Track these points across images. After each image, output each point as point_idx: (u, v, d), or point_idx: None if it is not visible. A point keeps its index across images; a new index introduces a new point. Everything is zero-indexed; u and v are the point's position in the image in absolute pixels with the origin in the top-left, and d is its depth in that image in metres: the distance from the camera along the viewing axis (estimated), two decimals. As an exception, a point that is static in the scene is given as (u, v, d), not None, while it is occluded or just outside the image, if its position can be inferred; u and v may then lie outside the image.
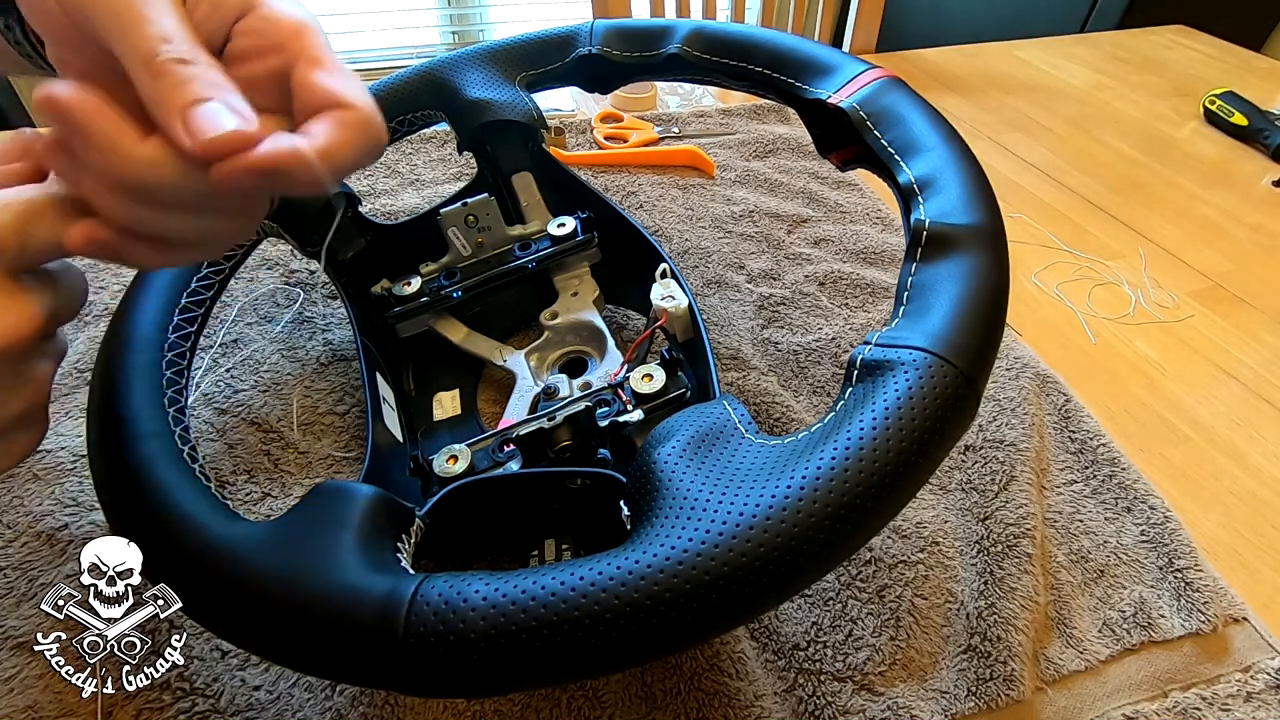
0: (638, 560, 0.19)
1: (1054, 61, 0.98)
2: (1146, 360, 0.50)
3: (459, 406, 0.43)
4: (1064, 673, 0.33)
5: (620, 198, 0.62)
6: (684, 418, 0.25)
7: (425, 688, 0.19)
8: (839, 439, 0.21)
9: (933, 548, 0.37)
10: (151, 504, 0.24)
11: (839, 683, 0.32)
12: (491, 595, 0.19)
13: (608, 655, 0.19)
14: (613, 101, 0.75)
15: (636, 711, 0.31)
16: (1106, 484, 0.40)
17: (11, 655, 0.31)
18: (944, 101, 0.84)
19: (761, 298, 0.52)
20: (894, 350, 0.23)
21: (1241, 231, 0.64)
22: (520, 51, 0.45)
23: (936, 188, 0.29)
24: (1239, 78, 0.94)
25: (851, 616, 0.34)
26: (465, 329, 0.45)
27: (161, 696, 0.30)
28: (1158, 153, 0.77)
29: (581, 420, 0.33)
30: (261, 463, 0.39)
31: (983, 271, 0.25)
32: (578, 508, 0.32)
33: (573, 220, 0.45)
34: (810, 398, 0.45)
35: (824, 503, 0.20)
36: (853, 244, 0.57)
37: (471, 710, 0.30)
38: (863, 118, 0.33)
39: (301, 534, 0.22)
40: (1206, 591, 0.35)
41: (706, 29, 0.41)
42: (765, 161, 0.68)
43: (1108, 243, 0.62)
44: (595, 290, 0.46)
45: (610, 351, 0.42)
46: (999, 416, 0.43)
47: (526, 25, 1.66)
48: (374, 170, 0.64)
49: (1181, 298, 0.56)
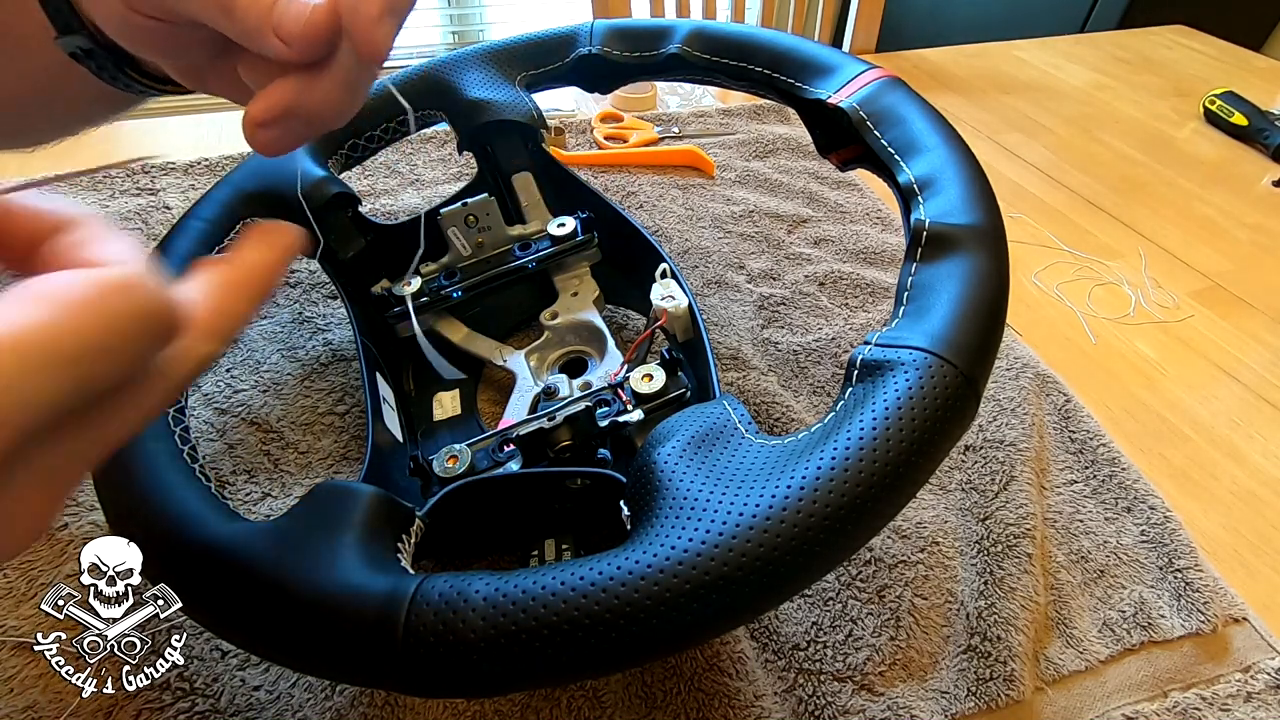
0: (638, 560, 0.19)
1: (1054, 61, 0.98)
2: (1146, 360, 0.50)
3: (459, 406, 0.43)
4: (1064, 673, 0.33)
5: (620, 198, 0.62)
6: (684, 418, 0.25)
7: (425, 688, 0.19)
8: (839, 439, 0.21)
9: (933, 548, 0.37)
10: (151, 504, 0.24)
11: (839, 683, 0.32)
12: (492, 595, 0.19)
13: (608, 655, 0.19)
14: (613, 101, 0.75)
15: (636, 711, 0.31)
16: (1106, 484, 0.40)
17: (11, 655, 0.31)
18: (944, 101, 0.84)
19: (761, 298, 0.52)
20: (894, 350, 0.23)
21: (1241, 231, 0.64)
22: (520, 51, 0.45)
23: (936, 188, 0.29)
24: (1239, 78, 0.94)
25: (851, 616, 0.34)
26: (465, 329, 0.45)
27: (161, 696, 0.30)
28: (1158, 153, 0.77)
29: (581, 420, 0.33)
30: (261, 463, 0.39)
31: (983, 271, 0.25)
32: (578, 508, 0.32)
33: (573, 220, 0.45)
34: (810, 398, 0.45)
35: (824, 503, 0.20)
36: (853, 244, 0.57)
37: (471, 710, 0.30)
38: (863, 118, 0.33)
39: (301, 534, 0.22)
40: (1206, 591, 0.35)
41: (706, 29, 0.41)
42: (765, 161, 0.68)
43: (1108, 243, 0.62)
44: (595, 290, 0.46)
45: (610, 351, 0.42)
46: (999, 416, 0.43)
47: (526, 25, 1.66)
48: (374, 170, 0.64)
49: (1181, 298, 0.56)
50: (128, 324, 0.14)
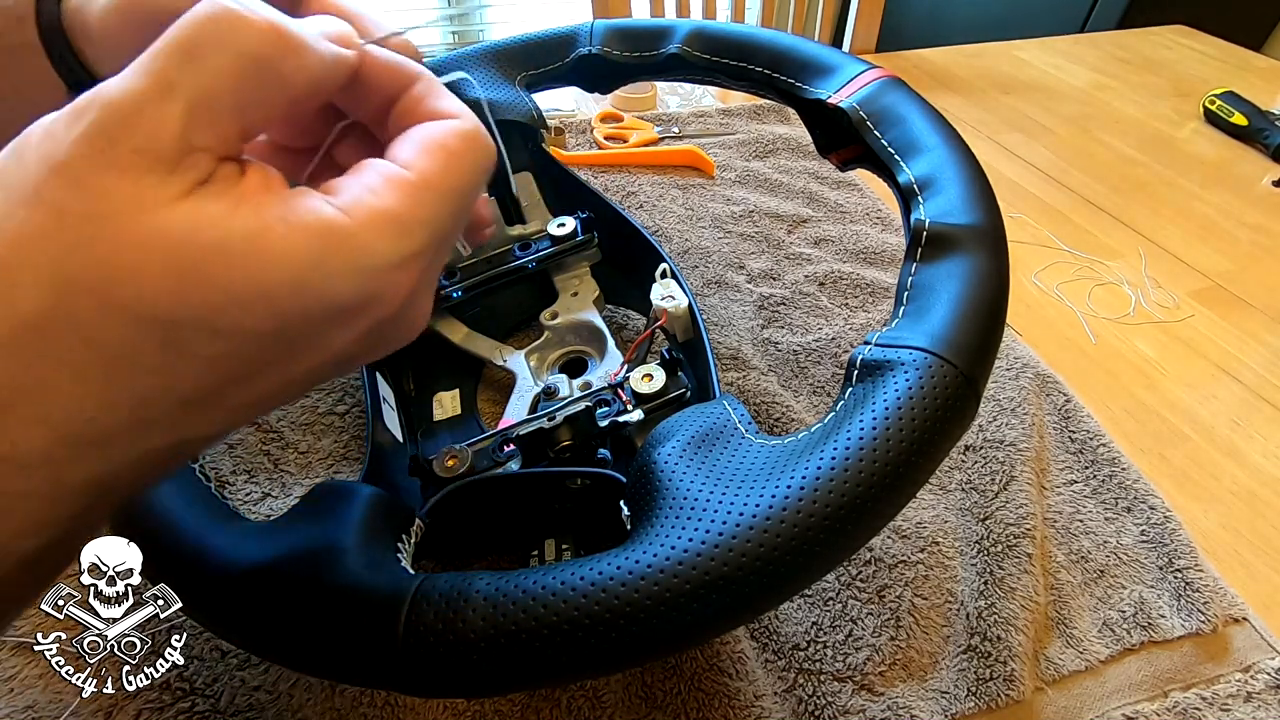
0: (638, 560, 0.19)
1: (1054, 61, 0.98)
2: (1146, 360, 0.50)
3: (459, 406, 0.43)
4: (1064, 673, 0.33)
5: (620, 198, 0.62)
6: (684, 418, 0.25)
7: (425, 688, 0.19)
8: (839, 439, 0.21)
9: (933, 548, 0.37)
10: (151, 504, 0.24)
11: (839, 683, 0.32)
12: (492, 595, 0.19)
13: (608, 655, 0.19)
14: (613, 101, 0.75)
15: (636, 711, 0.31)
16: (1106, 484, 0.40)
17: (11, 655, 0.31)
18: (944, 101, 0.84)
19: (761, 298, 0.52)
20: (894, 350, 0.23)
21: (1241, 231, 0.64)
22: (520, 51, 0.45)
23: (936, 188, 0.29)
24: (1239, 78, 0.94)
25: (851, 616, 0.34)
26: (465, 329, 0.45)
27: (161, 696, 0.30)
28: (1158, 153, 0.77)
29: (581, 420, 0.33)
30: (261, 463, 0.39)
31: (983, 271, 0.25)
32: (578, 508, 0.32)
33: (573, 220, 0.45)
34: (810, 398, 0.45)
35: (824, 503, 0.20)
36: (853, 244, 0.57)
37: (471, 710, 0.30)
38: (863, 118, 0.33)
39: (301, 534, 0.22)
40: (1206, 591, 0.35)
41: (706, 29, 0.41)
42: (765, 161, 0.68)
43: (1108, 243, 0.62)
44: (595, 290, 0.46)
45: (610, 351, 0.42)
46: (999, 416, 0.43)
47: (526, 25, 1.66)
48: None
49: (1181, 298, 0.56)
50: (484, 166, 0.18)
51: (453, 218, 0.18)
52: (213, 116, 0.14)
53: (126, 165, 0.14)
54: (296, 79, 0.16)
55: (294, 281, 0.15)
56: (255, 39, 0.15)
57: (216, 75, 0.14)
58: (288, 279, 0.15)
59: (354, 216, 0.16)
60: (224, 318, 0.14)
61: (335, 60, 0.17)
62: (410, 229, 0.16)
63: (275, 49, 0.15)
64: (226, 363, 0.15)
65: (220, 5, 0.14)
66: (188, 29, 0.14)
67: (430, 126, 0.18)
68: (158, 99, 0.14)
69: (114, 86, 0.14)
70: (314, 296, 0.15)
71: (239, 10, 0.15)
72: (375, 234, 0.16)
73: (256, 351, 0.15)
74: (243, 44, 0.14)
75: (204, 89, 0.14)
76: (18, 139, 0.14)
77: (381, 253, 0.16)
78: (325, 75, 0.16)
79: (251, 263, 0.14)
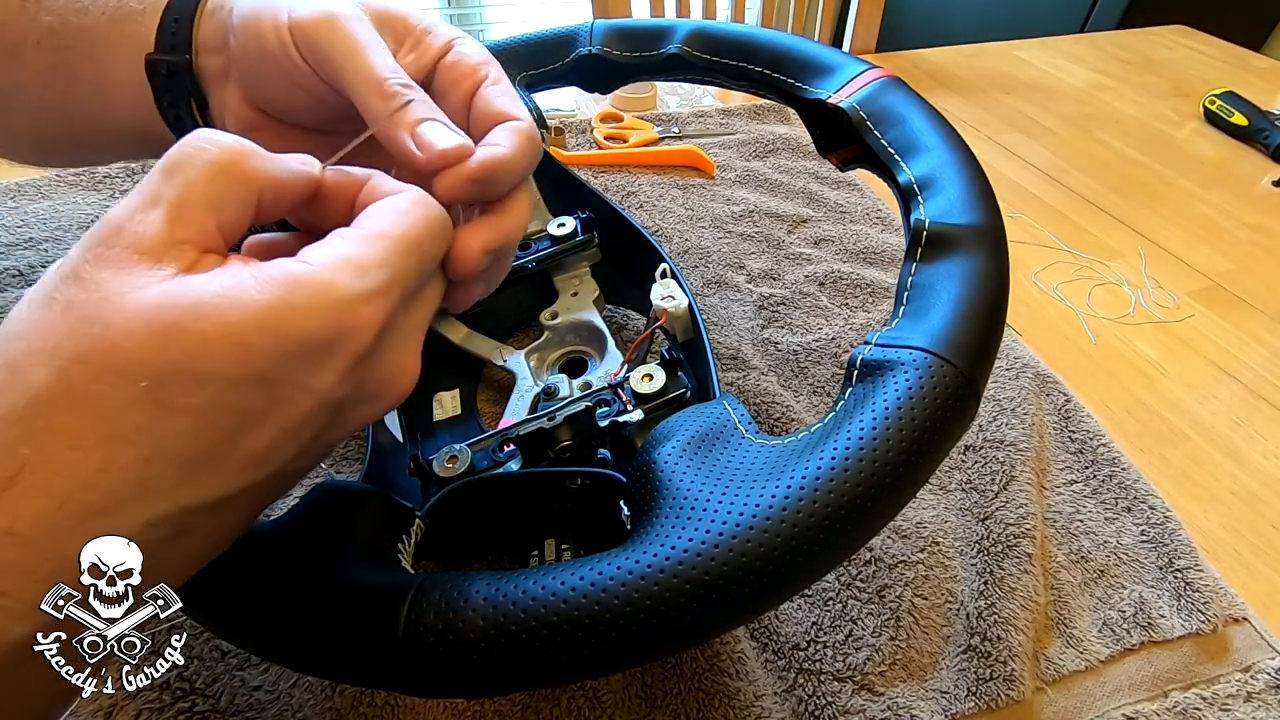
0: (638, 560, 0.19)
1: (1054, 61, 0.98)
2: (1146, 360, 0.50)
3: (459, 406, 0.43)
4: (1064, 673, 0.33)
5: (620, 198, 0.62)
6: (684, 418, 0.25)
7: (425, 688, 0.19)
8: (839, 439, 0.21)
9: (933, 548, 0.37)
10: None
11: (839, 683, 0.32)
12: (492, 595, 0.19)
13: (608, 655, 0.19)
14: (613, 101, 0.75)
15: (636, 711, 0.31)
16: (1106, 484, 0.40)
17: (11, 655, 0.31)
18: (944, 101, 0.84)
19: (761, 298, 0.52)
20: (894, 350, 0.23)
21: (1241, 231, 0.64)
22: (520, 51, 0.45)
23: (936, 188, 0.28)
24: (1239, 78, 0.94)
25: (851, 616, 0.34)
26: (465, 329, 0.45)
27: (161, 696, 0.30)
28: (1158, 153, 0.77)
29: (581, 420, 0.33)
30: (261, 463, 0.39)
31: (983, 271, 0.25)
32: (578, 508, 0.32)
33: (573, 220, 0.45)
34: (810, 398, 0.45)
35: (824, 503, 0.20)
36: (853, 244, 0.57)
37: (471, 710, 0.30)
38: (863, 118, 0.33)
39: (301, 534, 0.22)
40: (1206, 591, 0.35)
41: (706, 29, 0.41)
42: (765, 161, 0.68)
43: (1108, 243, 0.62)
44: (595, 290, 0.46)
45: (610, 351, 0.42)
46: (999, 416, 0.43)
47: (526, 25, 1.65)
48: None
49: (1181, 298, 0.56)
50: (437, 223, 0.21)
51: (413, 263, 0.20)
52: (191, 214, 0.17)
53: (119, 261, 0.16)
54: (258, 175, 0.19)
55: (262, 321, 0.16)
56: (219, 152, 0.18)
57: (190, 184, 0.17)
58: (255, 320, 0.16)
59: (315, 264, 0.18)
60: (203, 364, 0.16)
61: (296, 168, 0.20)
62: (367, 269, 0.18)
63: (237, 156, 0.18)
64: (214, 413, 0.16)
65: (195, 134, 0.18)
66: (171, 155, 0.18)
67: (382, 200, 0.21)
68: (145, 208, 0.17)
69: (115, 208, 0.17)
70: (282, 333, 0.17)
71: (208, 134, 0.18)
72: (335, 272, 0.18)
73: (239, 398, 0.17)
74: (209, 156, 0.18)
75: (180, 195, 0.17)
76: None
77: (342, 286, 0.18)
78: (287, 176, 0.20)
79: (224, 310, 0.16)
